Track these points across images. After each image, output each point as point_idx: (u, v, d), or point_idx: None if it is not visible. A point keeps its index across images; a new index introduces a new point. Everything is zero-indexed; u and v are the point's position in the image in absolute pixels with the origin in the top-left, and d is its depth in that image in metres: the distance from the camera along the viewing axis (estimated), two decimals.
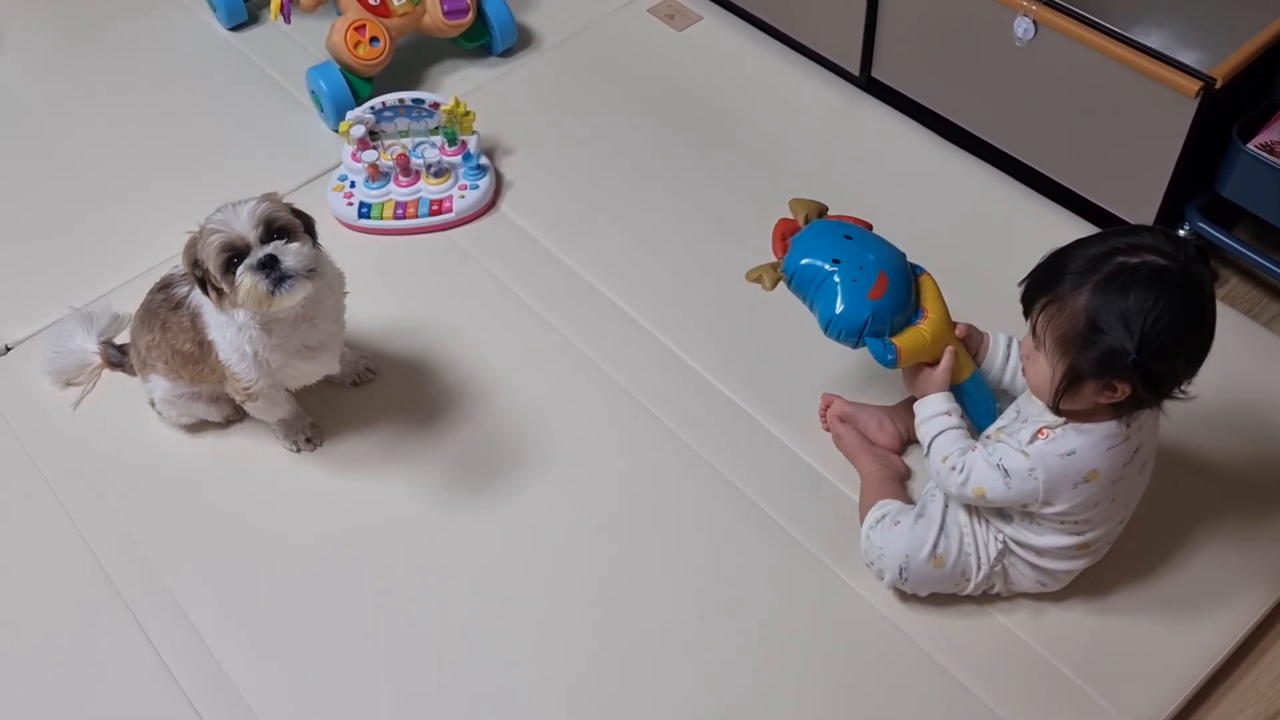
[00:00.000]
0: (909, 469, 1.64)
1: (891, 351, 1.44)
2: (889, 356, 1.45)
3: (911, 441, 1.64)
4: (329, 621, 1.56)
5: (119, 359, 1.78)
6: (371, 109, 2.04)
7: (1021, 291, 1.33)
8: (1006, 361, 1.53)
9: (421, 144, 2.07)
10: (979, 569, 1.46)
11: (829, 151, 2.12)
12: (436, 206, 2.01)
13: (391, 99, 2.04)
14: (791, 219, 1.56)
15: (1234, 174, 1.79)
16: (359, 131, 2.02)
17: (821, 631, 1.51)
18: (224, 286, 1.44)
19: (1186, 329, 1.24)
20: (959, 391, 1.48)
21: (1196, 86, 1.67)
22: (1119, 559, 1.51)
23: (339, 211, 2.02)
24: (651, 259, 1.95)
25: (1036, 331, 1.31)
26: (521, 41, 2.35)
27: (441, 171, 2.03)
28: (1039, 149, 1.96)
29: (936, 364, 1.47)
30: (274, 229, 1.44)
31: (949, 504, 1.46)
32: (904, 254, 1.52)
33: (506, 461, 1.70)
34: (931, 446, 1.44)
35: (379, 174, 2.03)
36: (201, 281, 1.47)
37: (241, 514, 1.66)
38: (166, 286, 1.62)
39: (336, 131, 2.12)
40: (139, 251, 1.97)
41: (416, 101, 2.04)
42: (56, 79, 2.34)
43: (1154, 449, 1.40)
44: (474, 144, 2.04)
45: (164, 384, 1.66)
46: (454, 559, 1.61)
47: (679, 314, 1.86)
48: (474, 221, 2.03)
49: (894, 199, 1.93)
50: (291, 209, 1.49)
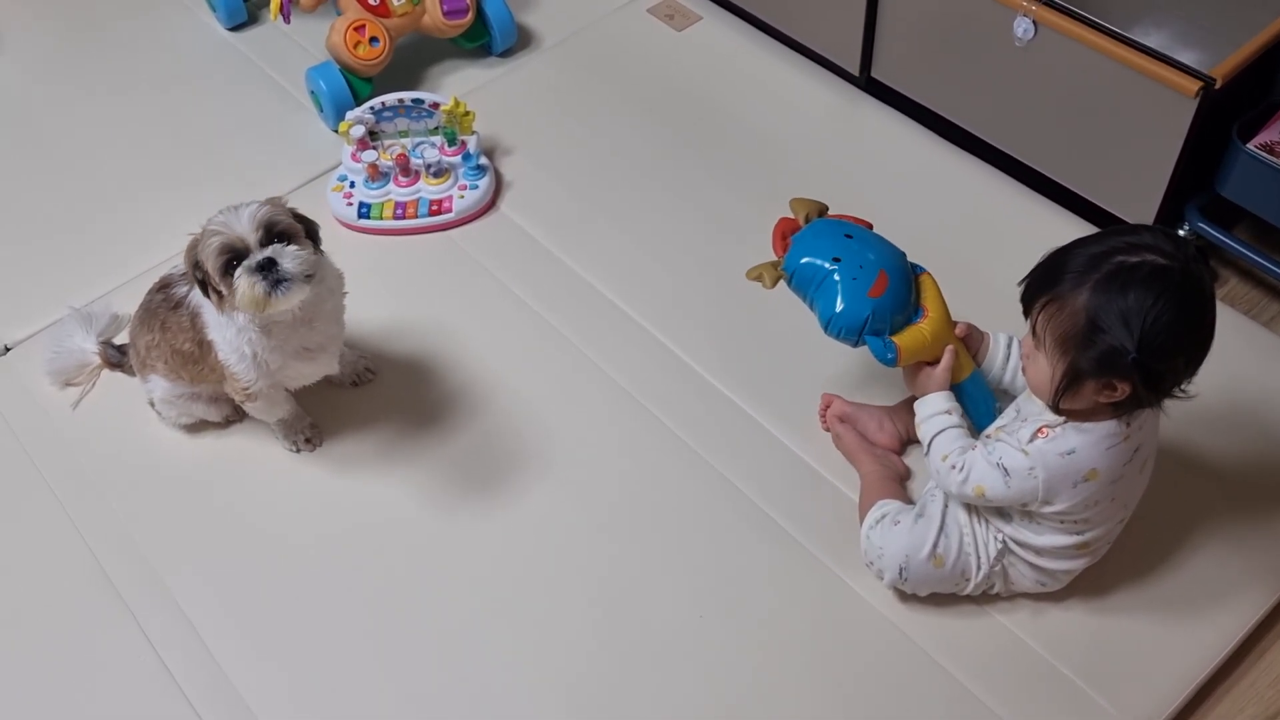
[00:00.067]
0: (909, 469, 1.64)
1: (892, 350, 1.44)
2: (889, 355, 1.45)
3: (911, 441, 1.64)
4: (329, 621, 1.55)
5: (118, 359, 1.78)
6: (371, 109, 2.04)
7: (1021, 291, 1.33)
8: (1007, 361, 1.53)
9: (421, 144, 2.07)
10: (979, 569, 1.46)
11: (829, 151, 2.12)
12: (436, 207, 2.00)
13: (391, 99, 2.04)
14: (792, 218, 1.56)
15: (1234, 174, 1.79)
16: (359, 132, 2.02)
17: (821, 631, 1.51)
18: (223, 288, 1.44)
19: (1186, 328, 1.24)
20: (959, 391, 1.48)
21: (1196, 86, 1.67)
22: (1119, 559, 1.51)
23: (339, 212, 2.02)
24: (651, 259, 1.95)
25: (1036, 331, 1.31)
26: (521, 41, 2.35)
27: (441, 172, 2.03)
28: (1039, 149, 1.96)
29: (937, 363, 1.47)
30: (274, 232, 1.44)
31: (949, 504, 1.46)
32: (904, 253, 1.52)
33: (506, 462, 1.70)
34: (931, 445, 1.44)
35: (379, 174, 2.03)
36: (202, 283, 1.47)
37: (241, 514, 1.66)
38: (166, 286, 1.62)
39: (336, 132, 2.12)
40: (139, 251, 1.97)
41: (416, 102, 2.04)
42: (56, 79, 2.34)
43: (1154, 448, 1.40)
44: (474, 144, 2.04)
45: (163, 384, 1.66)
46: (454, 559, 1.61)
47: (679, 314, 1.86)
48: (474, 222, 2.03)
49: (894, 199, 1.93)
50: (294, 214, 1.49)
